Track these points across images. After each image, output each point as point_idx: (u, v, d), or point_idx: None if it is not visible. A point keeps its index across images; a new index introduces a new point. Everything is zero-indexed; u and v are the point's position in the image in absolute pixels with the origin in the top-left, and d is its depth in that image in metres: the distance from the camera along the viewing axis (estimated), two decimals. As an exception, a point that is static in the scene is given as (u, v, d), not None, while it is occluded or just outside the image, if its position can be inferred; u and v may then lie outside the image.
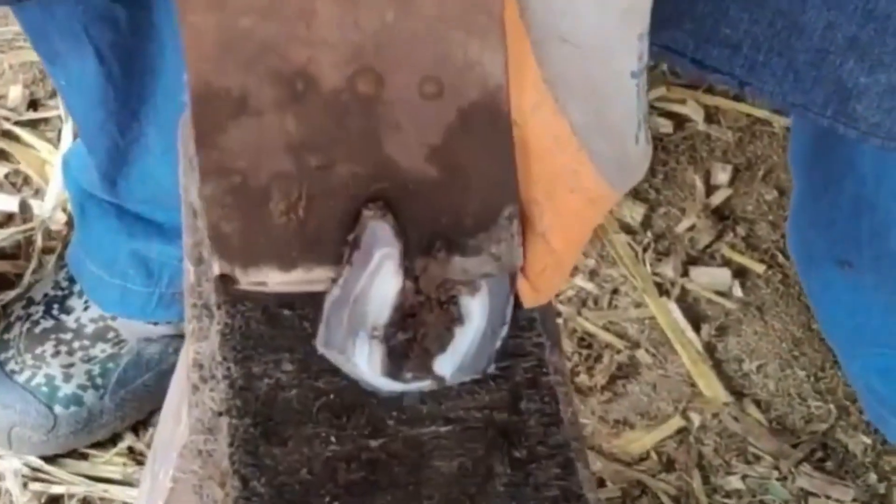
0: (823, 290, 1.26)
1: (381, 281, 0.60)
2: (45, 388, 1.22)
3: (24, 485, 1.23)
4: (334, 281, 0.61)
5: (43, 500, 1.23)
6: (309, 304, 0.68)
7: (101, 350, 1.25)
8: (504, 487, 0.63)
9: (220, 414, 0.65)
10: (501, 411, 0.65)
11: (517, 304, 0.66)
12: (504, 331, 0.63)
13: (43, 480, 1.23)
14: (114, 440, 1.26)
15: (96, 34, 1.10)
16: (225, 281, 0.60)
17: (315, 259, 0.60)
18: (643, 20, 0.62)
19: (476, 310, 0.62)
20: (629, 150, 0.63)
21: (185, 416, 0.69)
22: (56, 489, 1.23)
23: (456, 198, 0.59)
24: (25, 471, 1.23)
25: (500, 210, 0.60)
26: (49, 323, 1.26)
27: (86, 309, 1.26)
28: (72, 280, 1.28)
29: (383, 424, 0.65)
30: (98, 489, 1.24)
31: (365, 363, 0.64)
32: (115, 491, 1.24)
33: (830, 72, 0.78)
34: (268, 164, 0.58)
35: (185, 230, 0.73)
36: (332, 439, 0.64)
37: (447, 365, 0.62)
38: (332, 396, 0.65)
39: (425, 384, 0.64)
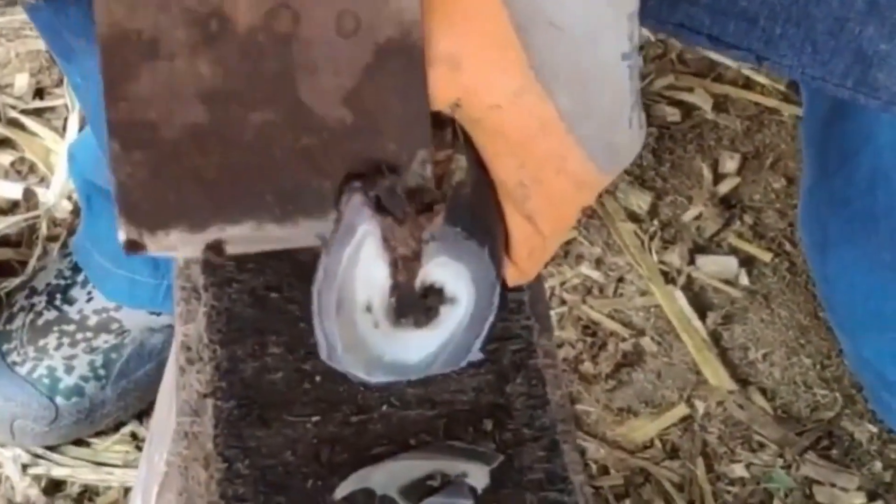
0: (838, 273, 1.25)
1: (365, 259, 0.60)
2: (46, 380, 1.23)
3: (24, 469, 1.23)
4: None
5: (43, 485, 1.23)
6: (296, 287, 0.68)
7: (104, 341, 1.25)
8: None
9: (206, 396, 0.65)
10: (487, 394, 0.65)
11: (505, 288, 0.66)
12: (491, 316, 0.63)
13: (43, 465, 1.24)
14: (116, 426, 1.27)
15: None
16: (133, 247, 0.58)
17: (228, 219, 0.57)
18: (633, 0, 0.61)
19: (463, 294, 0.62)
20: (621, 134, 0.63)
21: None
22: (57, 474, 1.24)
23: (370, 143, 0.58)
24: (25, 457, 1.23)
25: (414, 155, 0.58)
26: (52, 314, 1.26)
27: (89, 300, 1.26)
28: (75, 269, 1.28)
29: (369, 408, 0.65)
30: (99, 474, 1.24)
31: (363, 372, 0.63)
32: (116, 476, 1.24)
33: (850, 40, 0.77)
34: (181, 113, 0.55)
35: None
36: (317, 421, 0.64)
37: (433, 341, 0.62)
38: (318, 379, 0.65)
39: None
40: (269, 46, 0.55)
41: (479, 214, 0.62)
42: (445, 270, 0.61)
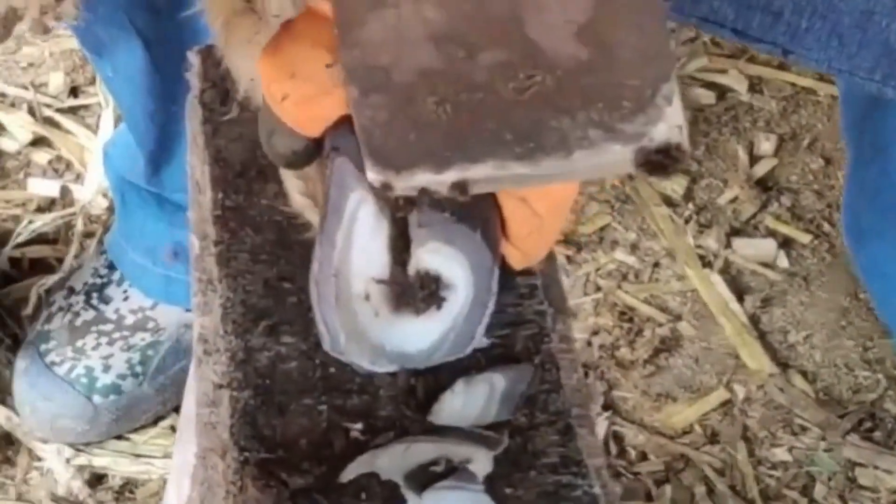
0: (871, 264, 1.24)
1: (360, 235, 0.59)
2: (84, 380, 1.24)
3: (67, 462, 1.24)
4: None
5: (86, 478, 1.24)
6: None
7: (140, 339, 1.26)
8: (503, 455, 0.63)
9: (222, 387, 0.65)
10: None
11: (513, 272, 0.66)
12: (491, 302, 0.63)
13: (85, 458, 1.25)
14: (156, 420, 1.28)
15: (140, 22, 1.11)
16: (382, 188, 0.56)
17: (469, 158, 0.56)
18: None
19: (460, 279, 0.61)
20: None
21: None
22: (99, 467, 1.25)
23: (609, 79, 0.55)
24: (68, 451, 1.25)
25: (658, 89, 0.56)
26: (90, 314, 1.27)
27: (125, 299, 1.27)
28: (111, 267, 1.29)
29: (379, 396, 0.65)
30: (140, 466, 1.25)
31: (367, 362, 0.63)
32: (156, 468, 1.25)
33: (877, 33, 0.76)
34: (411, 57, 0.56)
35: (191, 205, 0.74)
36: (331, 409, 0.64)
37: (435, 329, 0.62)
38: (331, 369, 0.65)
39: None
40: None
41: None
42: (439, 257, 0.61)
